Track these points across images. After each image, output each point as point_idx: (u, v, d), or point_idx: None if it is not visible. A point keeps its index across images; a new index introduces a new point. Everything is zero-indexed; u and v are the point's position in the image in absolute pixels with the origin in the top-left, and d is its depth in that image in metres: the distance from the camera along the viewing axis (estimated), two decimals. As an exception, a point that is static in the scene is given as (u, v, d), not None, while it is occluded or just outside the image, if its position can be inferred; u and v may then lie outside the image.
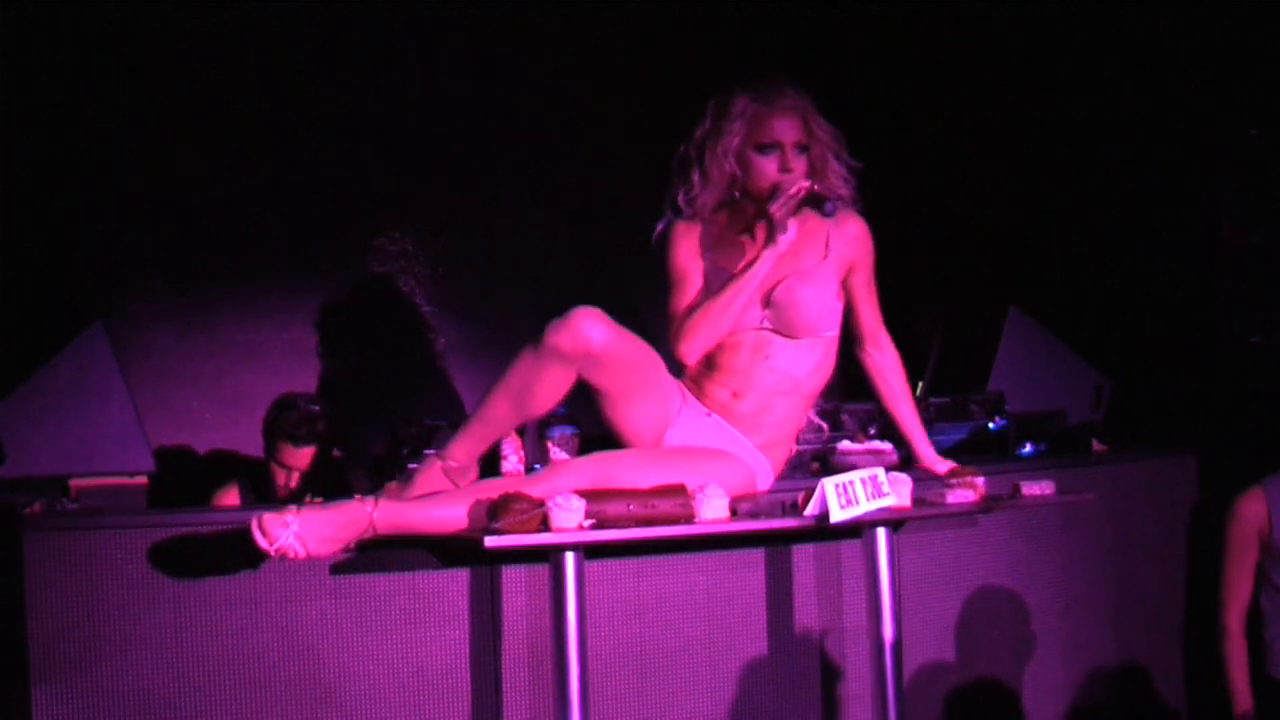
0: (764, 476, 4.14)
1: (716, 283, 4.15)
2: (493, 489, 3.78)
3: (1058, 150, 6.73)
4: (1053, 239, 6.60)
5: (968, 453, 5.21)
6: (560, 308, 6.75)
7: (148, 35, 6.31)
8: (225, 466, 6.14)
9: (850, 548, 4.52)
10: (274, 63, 6.52)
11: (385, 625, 4.09)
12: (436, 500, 3.84)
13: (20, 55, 5.89)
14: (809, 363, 4.18)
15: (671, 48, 7.14)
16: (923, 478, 4.21)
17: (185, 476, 6.01)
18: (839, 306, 4.25)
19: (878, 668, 4.08)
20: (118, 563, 3.91)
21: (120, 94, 6.30)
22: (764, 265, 4.08)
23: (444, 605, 4.14)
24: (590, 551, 3.85)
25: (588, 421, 4.42)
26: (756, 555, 4.50)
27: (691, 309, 4.15)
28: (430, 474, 3.98)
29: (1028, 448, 5.46)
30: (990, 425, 5.37)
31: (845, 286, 4.27)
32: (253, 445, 5.69)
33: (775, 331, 4.15)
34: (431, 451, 4.10)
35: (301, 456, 5.26)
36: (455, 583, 4.15)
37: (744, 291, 4.08)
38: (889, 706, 4.07)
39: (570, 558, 3.71)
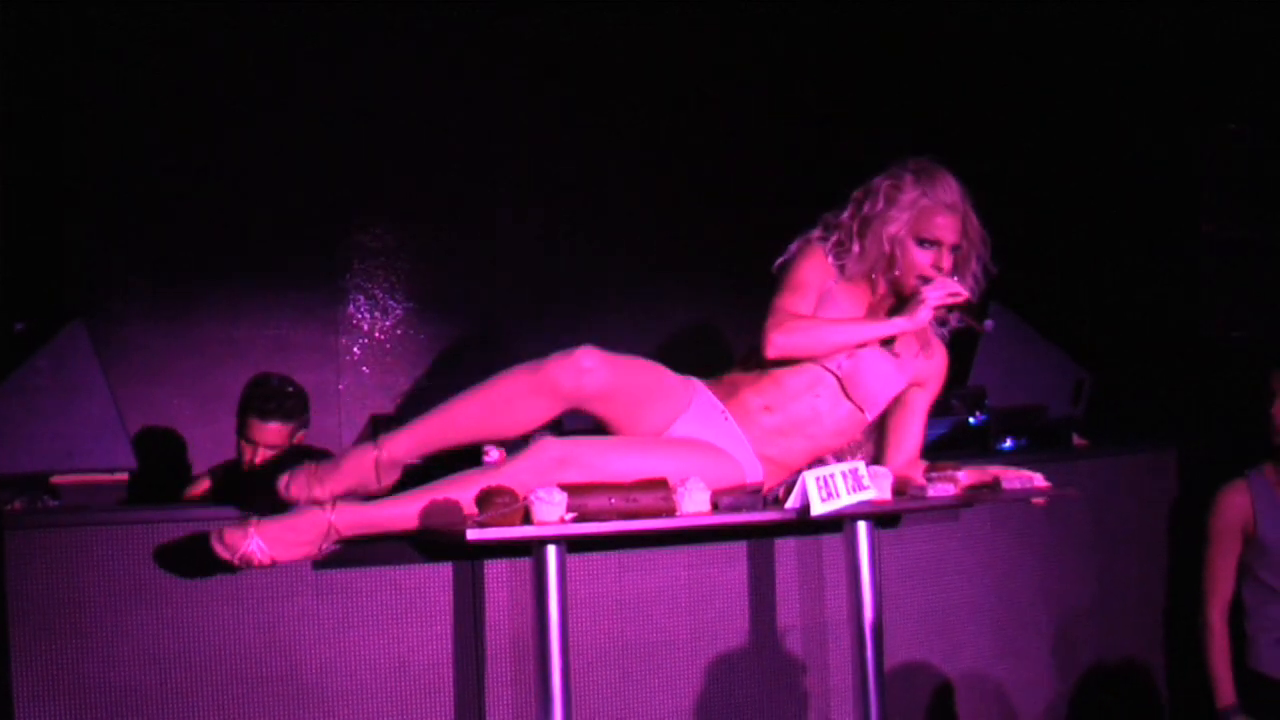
0: (754, 476, 4.14)
1: (823, 309, 4.22)
2: (457, 484, 3.79)
3: (1038, 147, 6.75)
4: (1034, 234, 6.62)
5: (949, 448, 5.22)
6: (544, 306, 6.84)
7: (130, 35, 6.32)
8: (204, 462, 6.12)
9: (832, 542, 4.54)
10: (255, 61, 6.52)
11: (368, 621, 4.09)
12: (398, 499, 3.84)
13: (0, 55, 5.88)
14: (841, 424, 4.25)
15: (662, 43, 7.16)
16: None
17: (166, 473, 6.01)
18: (886, 404, 4.32)
19: (859, 661, 4.09)
20: (100, 559, 3.90)
21: (98, 93, 6.30)
22: (891, 329, 4.17)
23: (426, 600, 4.14)
24: (573, 545, 3.85)
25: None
26: (739, 549, 4.51)
27: (800, 314, 4.17)
28: (361, 462, 3.93)
29: (1009, 443, 5.47)
30: (971, 420, 5.38)
31: (905, 398, 4.36)
32: (232, 441, 5.68)
33: (837, 379, 4.20)
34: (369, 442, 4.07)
35: (268, 432, 5.20)
36: (438, 578, 4.15)
37: (858, 338, 4.18)
38: (870, 700, 4.08)
39: (552, 551, 3.71)
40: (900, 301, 4.24)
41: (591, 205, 7.07)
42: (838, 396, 4.20)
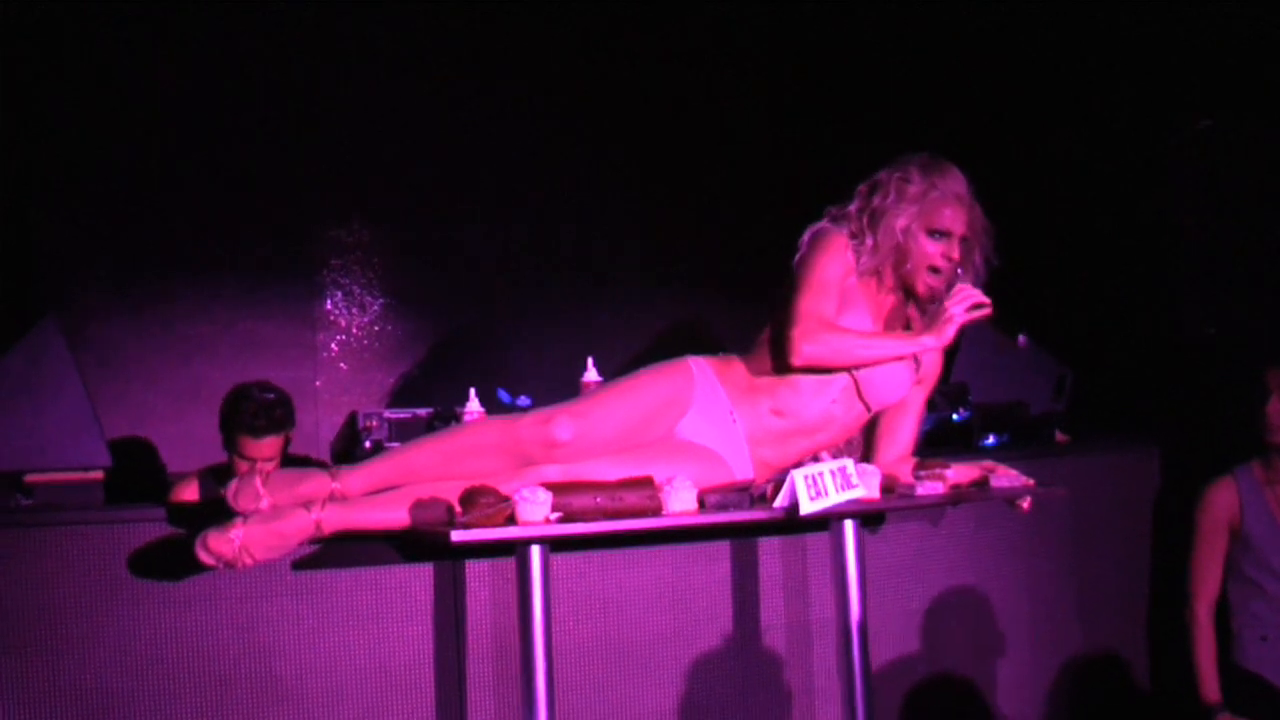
0: (743, 476, 4.08)
1: (844, 308, 4.13)
2: (445, 491, 3.74)
3: (1017, 145, 6.74)
4: (1014, 232, 6.60)
5: (932, 444, 5.20)
6: (525, 302, 6.81)
7: (99, 26, 6.26)
8: (179, 460, 6.07)
9: (816, 540, 4.51)
10: (228, 54, 6.48)
11: (347, 621, 4.05)
12: (384, 500, 3.79)
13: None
14: (850, 426, 4.19)
15: (649, 40, 7.14)
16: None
17: (140, 470, 5.96)
18: (892, 404, 4.26)
19: (845, 661, 4.06)
20: (74, 559, 3.85)
21: (72, 86, 6.24)
22: (917, 347, 4.08)
23: (407, 600, 4.10)
24: (555, 544, 3.80)
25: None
26: (722, 548, 4.48)
27: (827, 319, 4.06)
28: (315, 489, 3.82)
29: (991, 439, 5.45)
30: (954, 417, 5.36)
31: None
32: (207, 438, 5.61)
33: (854, 381, 4.12)
34: (323, 469, 4.00)
35: (263, 447, 5.12)
36: (418, 577, 4.11)
37: (886, 354, 4.08)
38: (856, 699, 4.05)
39: (536, 551, 3.66)
40: (908, 296, 4.19)
41: (573, 201, 7.04)
42: (852, 399, 4.13)
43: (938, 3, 7.09)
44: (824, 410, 4.10)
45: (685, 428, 4.03)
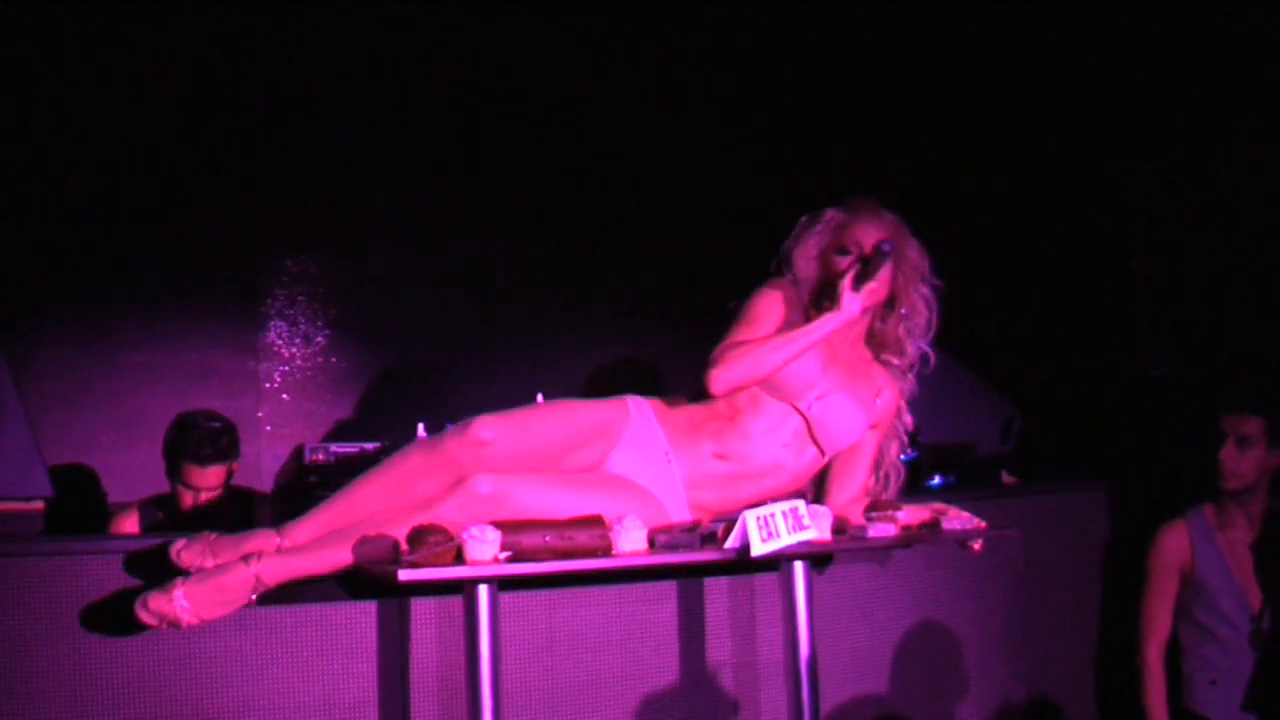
0: (680, 519, 4.06)
1: None
2: (385, 524, 3.72)
3: (968, 183, 6.76)
4: (964, 270, 6.63)
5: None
6: (469, 335, 6.78)
7: (46, 52, 6.21)
8: (120, 489, 6.00)
9: (764, 580, 4.48)
10: (177, 84, 6.44)
11: (292, 658, 4.00)
12: (323, 545, 3.76)
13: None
14: (801, 472, 4.18)
15: (602, 72, 7.14)
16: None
17: (83, 501, 5.90)
18: (846, 448, 4.27)
19: (794, 702, 4.03)
20: (15, 592, 3.79)
21: (16, 115, 6.18)
22: (824, 327, 4.07)
23: (352, 638, 4.05)
24: (503, 584, 3.77)
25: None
26: (668, 588, 4.44)
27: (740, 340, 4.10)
28: (261, 546, 3.78)
29: (937, 479, 5.44)
30: (902, 457, 5.35)
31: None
32: (148, 468, 5.56)
33: (806, 422, 4.13)
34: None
35: (208, 476, 5.08)
36: (364, 615, 4.07)
37: (794, 344, 4.06)
38: (806, 742, 4.03)
39: (484, 590, 3.63)
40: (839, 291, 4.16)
41: (524, 235, 7.02)
42: (804, 443, 4.14)
43: (887, 44, 7.11)
44: (774, 455, 4.09)
45: (616, 461, 4.01)
